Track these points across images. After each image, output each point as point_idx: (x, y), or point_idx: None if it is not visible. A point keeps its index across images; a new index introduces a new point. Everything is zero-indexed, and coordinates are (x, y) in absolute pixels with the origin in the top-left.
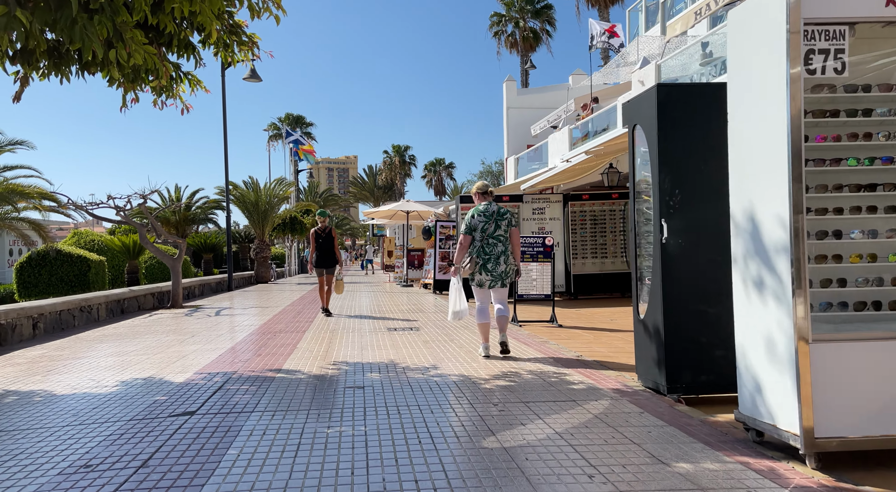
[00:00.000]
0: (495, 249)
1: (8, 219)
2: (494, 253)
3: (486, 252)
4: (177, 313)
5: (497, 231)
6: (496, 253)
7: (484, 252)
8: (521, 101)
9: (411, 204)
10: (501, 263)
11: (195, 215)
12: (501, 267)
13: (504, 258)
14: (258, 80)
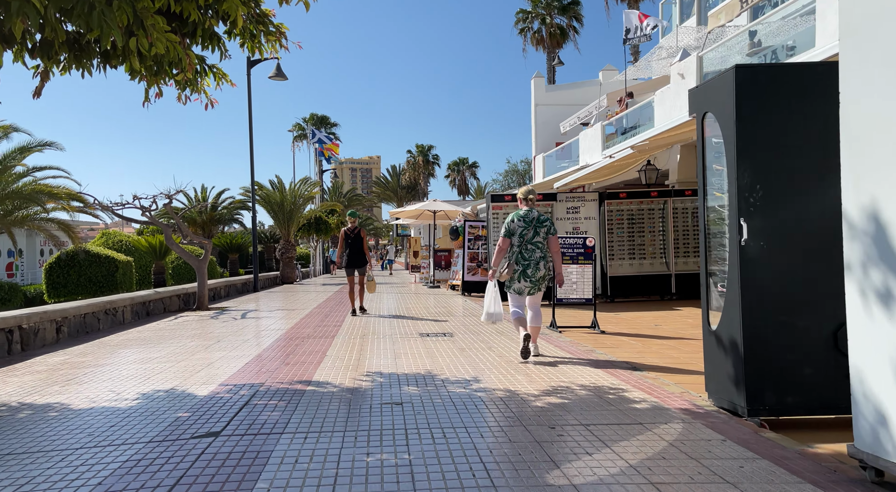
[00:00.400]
0: (534, 255)
1: (37, 220)
2: (533, 259)
3: (524, 258)
4: (202, 316)
5: (536, 237)
6: (535, 259)
7: (522, 257)
8: (549, 98)
9: (438, 203)
10: (541, 268)
11: (221, 216)
12: (540, 273)
13: (543, 263)
14: (283, 79)
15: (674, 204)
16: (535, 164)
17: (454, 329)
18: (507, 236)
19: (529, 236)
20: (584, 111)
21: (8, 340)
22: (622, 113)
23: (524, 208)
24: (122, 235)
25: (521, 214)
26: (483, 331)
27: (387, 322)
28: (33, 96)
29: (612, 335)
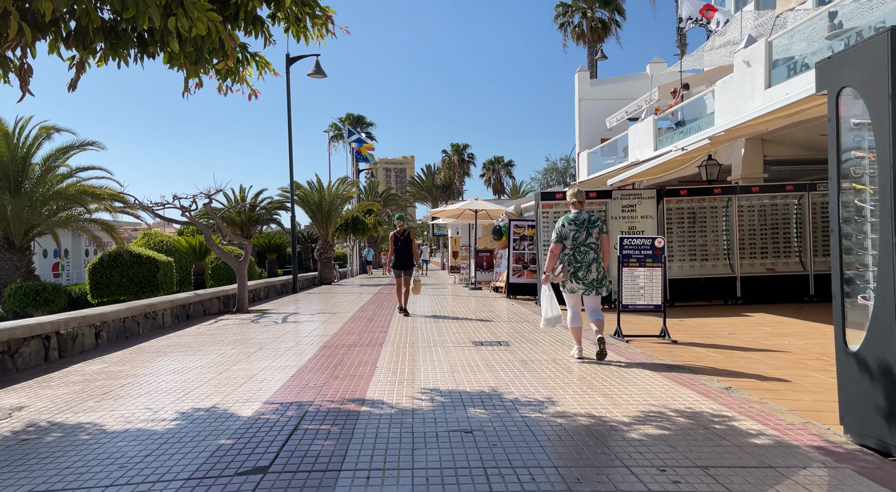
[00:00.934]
0: (586, 257)
1: (80, 221)
2: (586, 261)
3: (577, 260)
4: (242, 319)
5: (588, 239)
6: (587, 261)
7: (575, 260)
8: (594, 93)
9: (480, 202)
10: (593, 270)
11: (259, 216)
12: (593, 275)
13: (596, 266)
14: (322, 76)
15: (739, 201)
16: (579, 161)
17: (508, 337)
18: (559, 241)
19: (582, 238)
20: (633, 105)
21: (45, 347)
22: (678, 105)
23: (574, 211)
24: (162, 235)
25: (571, 217)
26: (540, 339)
27: (434, 327)
28: (68, 89)
29: (685, 346)
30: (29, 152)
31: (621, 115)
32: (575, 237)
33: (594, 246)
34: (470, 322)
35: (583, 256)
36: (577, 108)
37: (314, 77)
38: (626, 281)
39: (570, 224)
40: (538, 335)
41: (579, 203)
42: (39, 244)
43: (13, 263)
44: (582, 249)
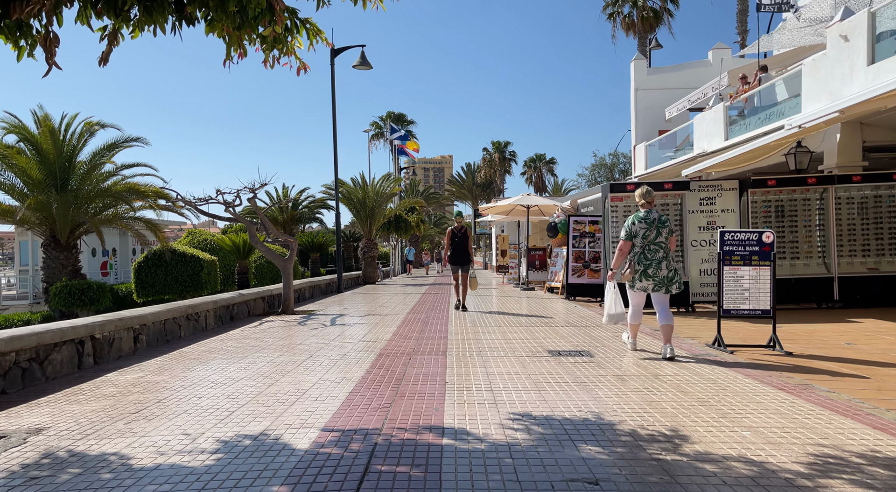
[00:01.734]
0: (656, 255)
1: (125, 219)
2: (656, 259)
3: (647, 258)
4: (288, 321)
5: (658, 238)
6: (657, 259)
7: (645, 258)
8: (651, 82)
9: (532, 198)
10: (663, 267)
11: (301, 215)
12: (664, 272)
13: (666, 263)
14: (368, 67)
15: (836, 193)
16: (635, 154)
17: (586, 345)
18: (629, 239)
19: (652, 237)
20: (697, 93)
21: (78, 353)
22: (754, 90)
23: (644, 211)
24: (206, 234)
25: (641, 215)
26: (623, 348)
27: (498, 333)
28: (100, 64)
29: (803, 359)
30: (75, 150)
31: (683, 105)
32: (645, 235)
33: (663, 245)
34: (536, 327)
35: (653, 255)
36: (633, 99)
37: (360, 68)
38: (727, 282)
39: (640, 222)
40: (618, 344)
41: (648, 203)
42: (87, 243)
43: (59, 262)
44: (651, 248)
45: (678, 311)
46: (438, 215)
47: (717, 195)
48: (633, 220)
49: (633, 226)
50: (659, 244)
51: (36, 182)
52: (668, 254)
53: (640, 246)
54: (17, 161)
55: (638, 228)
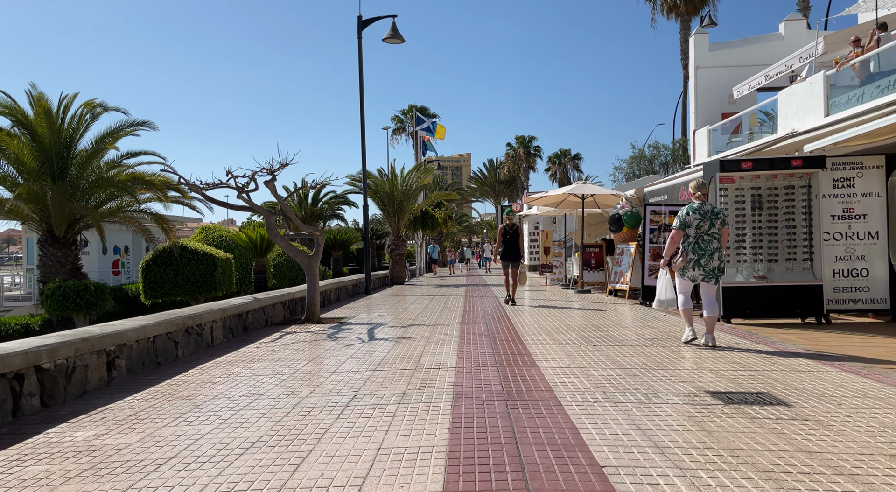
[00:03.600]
0: (710, 246)
1: (128, 212)
2: (709, 249)
3: (700, 248)
4: (315, 334)
5: (712, 229)
6: (710, 249)
7: (699, 247)
8: (714, 59)
9: (588, 186)
10: (715, 259)
11: (322, 211)
12: (714, 263)
13: (718, 255)
14: (399, 41)
15: None
16: (695, 140)
17: (752, 381)
18: (682, 228)
19: (706, 228)
20: (777, 67)
21: (13, 394)
22: (871, 53)
23: (697, 202)
24: (222, 230)
25: (696, 206)
26: (831, 392)
27: (602, 356)
28: None
29: None
30: (74, 134)
31: (758, 81)
32: (699, 226)
33: (716, 236)
34: (648, 348)
35: (706, 245)
36: (693, 78)
37: (390, 42)
38: None
39: (694, 213)
40: (810, 381)
41: (703, 195)
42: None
43: (57, 259)
44: (705, 239)
45: (807, 322)
46: (459, 213)
47: (857, 175)
48: (688, 210)
49: (687, 217)
50: (713, 235)
51: (30, 170)
52: (720, 245)
53: (694, 236)
54: (8, 146)
55: (692, 218)
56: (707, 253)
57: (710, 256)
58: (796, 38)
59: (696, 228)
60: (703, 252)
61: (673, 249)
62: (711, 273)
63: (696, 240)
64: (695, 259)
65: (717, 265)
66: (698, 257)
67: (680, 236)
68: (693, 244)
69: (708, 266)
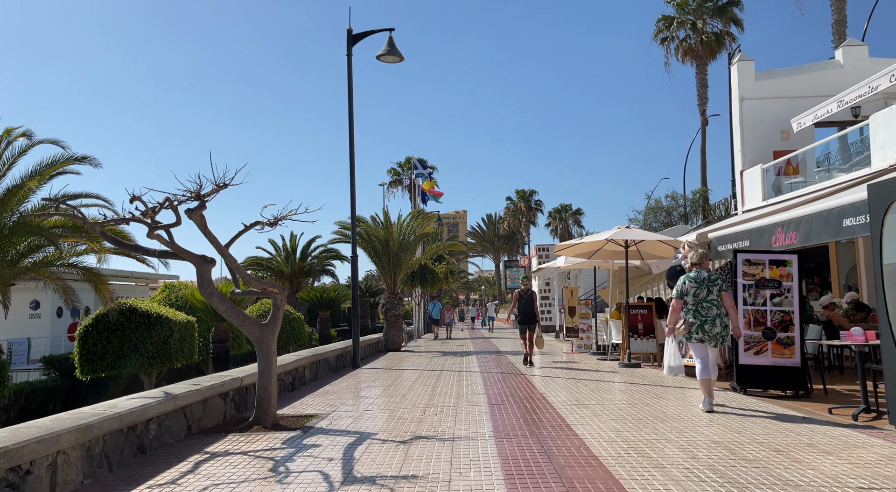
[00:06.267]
0: (710, 312)
1: (46, 266)
2: (710, 315)
3: (700, 314)
4: (258, 457)
5: (709, 296)
6: (711, 315)
7: (699, 314)
8: (761, 90)
9: (634, 231)
10: (717, 324)
11: (311, 266)
12: (717, 328)
13: (720, 320)
14: (397, 59)
15: None
16: (743, 183)
17: None
18: (680, 297)
19: (703, 296)
20: (850, 94)
21: None
22: None
23: (693, 271)
24: (191, 287)
25: (692, 275)
26: None
27: None
28: None
29: None
30: None
31: (825, 112)
32: (696, 294)
33: (716, 303)
34: None
35: (706, 311)
36: (738, 111)
37: (386, 60)
38: None
39: (691, 282)
40: None
41: (699, 264)
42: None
43: None
44: (704, 305)
45: None
46: (458, 269)
47: None
48: (684, 280)
49: (684, 285)
50: (712, 302)
51: None
52: (721, 312)
53: (693, 304)
54: None
55: (689, 286)
56: (708, 320)
57: (711, 321)
58: (857, 65)
59: (693, 296)
60: (703, 318)
61: (675, 318)
62: (715, 338)
63: (695, 307)
64: (697, 324)
65: (720, 331)
66: (700, 323)
67: (680, 305)
68: (693, 311)
69: (711, 332)
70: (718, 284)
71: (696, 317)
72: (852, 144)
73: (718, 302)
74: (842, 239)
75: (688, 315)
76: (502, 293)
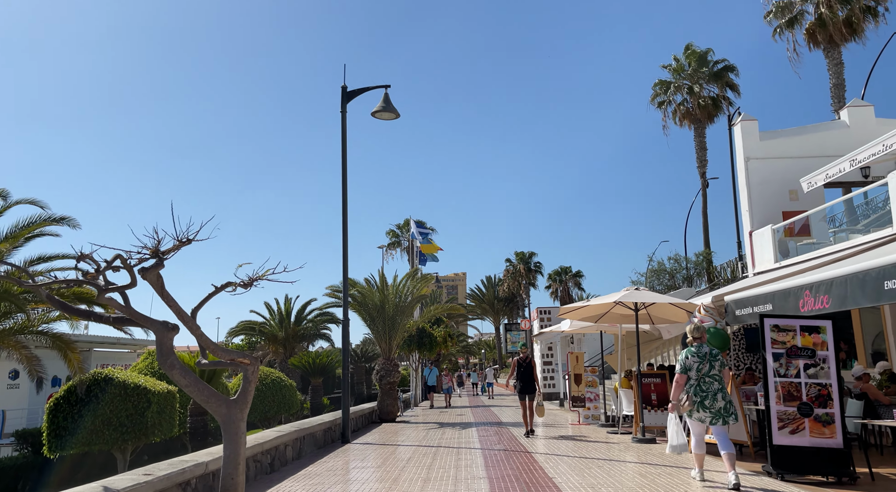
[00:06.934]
0: (711, 387)
1: (13, 335)
2: (711, 390)
3: (702, 390)
4: None
5: (711, 371)
6: (713, 390)
7: (701, 389)
8: (767, 149)
9: (644, 293)
10: (719, 399)
11: (306, 330)
12: (719, 403)
13: (721, 395)
14: (394, 116)
15: None
16: (754, 243)
17: None
18: (684, 372)
19: (706, 370)
20: (863, 153)
21: None
22: None
23: (695, 345)
24: (182, 356)
25: (694, 349)
26: None
27: None
28: None
29: None
30: None
31: (844, 166)
32: (699, 368)
33: (717, 377)
34: None
35: (708, 386)
36: (744, 170)
37: (382, 117)
38: None
39: (693, 356)
40: None
41: (699, 338)
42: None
43: None
44: (706, 380)
45: None
46: (457, 332)
47: None
48: (687, 354)
49: (687, 360)
50: (713, 377)
51: None
52: (722, 386)
53: (696, 379)
54: None
55: (692, 361)
56: (710, 394)
57: (713, 396)
58: (864, 125)
59: (696, 371)
60: (705, 394)
61: (679, 393)
62: (718, 414)
63: (697, 382)
64: (698, 401)
65: (723, 406)
66: (702, 399)
67: (684, 380)
68: (695, 386)
69: (713, 407)
70: (720, 360)
71: (697, 393)
72: (858, 207)
73: (720, 377)
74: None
75: (690, 390)
76: (502, 357)
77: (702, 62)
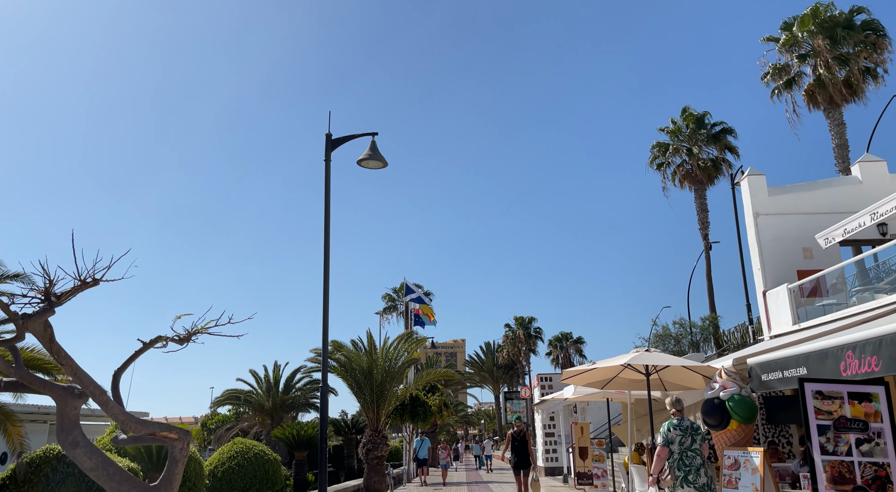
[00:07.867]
0: (694, 462)
1: None
2: (694, 465)
3: (685, 464)
4: None
5: (693, 444)
6: (696, 465)
7: (683, 464)
8: (776, 205)
9: (656, 355)
10: (702, 474)
11: (294, 399)
12: (703, 479)
13: (704, 470)
14: (381, 164)
15: None
16: (767, 304)
17: None
18: (666, 445)
19: (688, 444)
20: (889, 204)
21: None
22: None
23: (676, 418)
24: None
25: (675, 422)
26: None
27: None
28: None
29: None
30: None
31: (860, 223)
32: (681, 442)
33: (699, 451)
34: None
35: (690, 461)
36: (754, 227)
37: (368, 166)
38: None
39: (675, 429)
40: None
41: (679, 411)
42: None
43: None
44: (689, 454)
45: None
46: (455, 401)
47: None
48: (668, 427)
49: (669, 433)
50: (696, 451)
51: None
52: (704, 461)
53: (678, 453)
54: None
55: (674, 434)
56: (693, 469)
57: (696, 471)
58: (878, 180)
59: (679, 444)
60: (688, 468)
61: (661, 466)
62: (702, 489)
63: (680, 456)
64: (682, 476)
65: (706, 481)
66: (685, 474)
67: (665, 453)
68: (678, 460)
69: (697, 482)
70: (701, 434)
71: (680, 467)
72: (871, 269)
73: (700, 452)
74: None
75: (673, 464)
76: (502, 428)
77: (699, 124)
